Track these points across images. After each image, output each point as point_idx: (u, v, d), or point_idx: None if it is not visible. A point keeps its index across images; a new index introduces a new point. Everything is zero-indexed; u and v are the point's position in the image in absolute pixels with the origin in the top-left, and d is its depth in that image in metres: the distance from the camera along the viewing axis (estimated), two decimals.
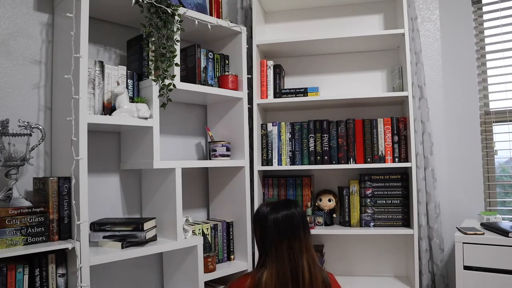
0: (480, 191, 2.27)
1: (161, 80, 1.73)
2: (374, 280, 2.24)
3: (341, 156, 2.18)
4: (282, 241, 1.35)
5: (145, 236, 1.67)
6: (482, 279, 1.76)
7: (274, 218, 1.38)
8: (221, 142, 2.07)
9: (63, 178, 1.47)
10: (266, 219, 1.39)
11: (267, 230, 1.38)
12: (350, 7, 2.41)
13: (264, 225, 1.40)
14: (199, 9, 2.05)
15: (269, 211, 1.40)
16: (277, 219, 1.38)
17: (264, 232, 1.39)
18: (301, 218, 1.41)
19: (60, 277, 1.45)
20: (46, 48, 1.70)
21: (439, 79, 2.35)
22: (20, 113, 1.60)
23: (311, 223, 2.16)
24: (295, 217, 1.39)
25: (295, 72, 2.48)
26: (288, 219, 1.38)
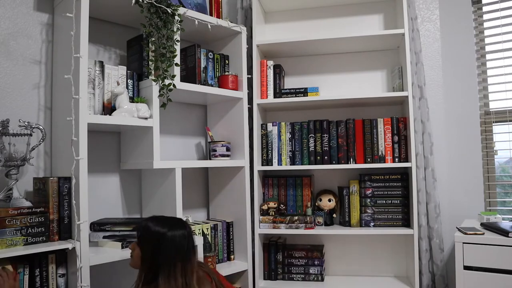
0: (480, 191, 2.27)
1: (161, 80, 1.73)
2: (374, 280, 2.24)
3: (341, 156, 2.18)
4: (176, 263, 1.30)
5: None
6: (482, 279, 1.76)
7: (171, 238, 1.32)
8: (221, 142, 2.07)
9: (63, 178, 1.47)
10: (164, 237, 1.32)
11: (162, 249, 1.31)
12: (350, 7, 2.41)
13: (159, 243, 1.32)
14: (199, 9, 2.05)
15: (166, 231, 1.33)
16: (175, 239, 1.33)
17: (158, 250, 1.32)
18: (192, 238, 1.39)
19: (60, 277, 1.45)
20: (46, 48, 1.70)
21: (439, 79, 2.35)
22: (20, 113, 1.60)
23: (311, 223, 2.16)
24: (190, 238, 1.37)
25: (295, 72, 2.47)
26: (184, 240, 1.34)
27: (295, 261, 2.23)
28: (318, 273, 2.21)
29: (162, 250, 1.31)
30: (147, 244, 1.34)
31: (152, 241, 1.33)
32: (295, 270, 2.23)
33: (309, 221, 2.15)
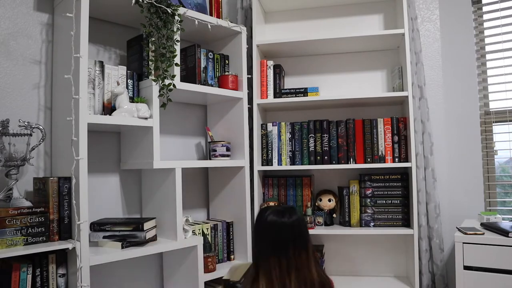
0: (480, 191, 2.27)
1: (161, 80, 1.73)
2: (374, 280, 2.24)
3: (341, 156, 2.18)
4: (270, 256, 1.21)
5: (145, 236, 1.67)
6: (482, 279, 1.76)
7: (260, 226, 1.26)
8: (221, 142, 2.07)
9: (63, 178, 1.47)
10: (256, 226, 1.28)
11: (256, 239, 1.27)
12: (350, 7, 2.41)
13: (254, 233, 1.29)
14: (199, 9, 2.05)
15: (258, 217, 1.28)
16: (265, 228, 1.25)
17: (258, 238, 1.27)
18: (293, 229, 1.24)
19: (60, 277, 1.45)
20: (46, 48, 1.70)
21: (439, 79, 2.35)
22: (20, 113, 1.60)
23: (311, 223, 2.16)
24: (286, 227, 1.24)
25: (295, 72, 2.48)
26: (273, 228, 1.24)
27: None
28: None
29: (256, 240, 1.26)
30: (254, 235, 1.31)
31: (256, 228, 1.29)
32: None
33: (309, 221, 2.15)
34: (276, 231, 1.23)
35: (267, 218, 1.25)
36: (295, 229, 1.24)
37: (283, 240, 1.22)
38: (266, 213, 1.27)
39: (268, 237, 1.24)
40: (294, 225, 1.24)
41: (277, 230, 1.23)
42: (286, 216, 1.24)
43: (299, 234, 1.25)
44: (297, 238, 1.24)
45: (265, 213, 1.28)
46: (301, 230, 1.27)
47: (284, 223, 1.23)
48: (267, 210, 1.30)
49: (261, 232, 1.25)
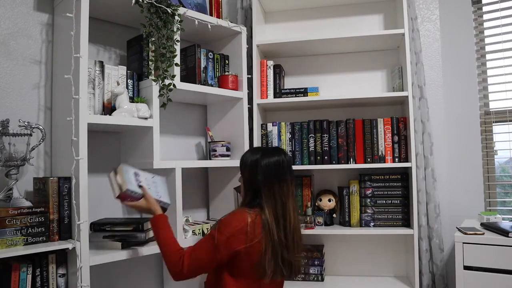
0: (480, 191, 2.27)
1: (161, 80, 1.73)
2: (374, 280, 2.24)
3: (341, 156, 2.18)
4: (273, 183, 1.45)
5: (145, 236, 1.67)
6: (482, 279, 1.76)
7: (266, 163, 1.47)
8: (221, 142, 2.07)
9: (63, 178, 1.47)
10: (258, 163, 1.48)
11: (258, 173, 1.46)
12: (350, 7, 2.41)
13: (255, 169, 1.48)
14: (199, 9, 2.05)
15: (260, 157, 1.49)
16: (269, 164, 1.47)
17: (255, 175, 1.47)
18: (288, 164, 1.53)
19: (60, 277, 1.45)
20: (46, 48, 1.70)
21: (439, 79, 2.35)
22: (20, 113, 1.60)
23: (311, 223, 2.16)
24: (284, 163, 1.50)
25: (295, 72, 2.47)
26: (278, 164, 1.48)
27: None
28: (318, 273, 2.21)
29: (258, 174, 1.46)
30: (245, 172, 1.53)
31: (248, 168, 1.51)
32: None
33: (309, 221, 2.15)
34: (282, 166, 1.50)
35: (270, 159, 1.49)
36: (291, 164, 1.55)
37: (285, 172, 1.50)
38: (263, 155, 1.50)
39: (273, 171, 1.48)
40: (290, 160, 1.57)
41: (282, 165, 1.50)
42: (283, 154, 1.53)
43: (291, 167, 1.56)
44: (292, 171, 1.55)
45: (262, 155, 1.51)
46: (291, 163, 1.59)
47: (286, 160, 1.52)
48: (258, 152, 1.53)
49: (267, 168, 1.47)
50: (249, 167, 1.51)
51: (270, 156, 1.50)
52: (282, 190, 1.46)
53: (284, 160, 1.51)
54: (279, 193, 1.46)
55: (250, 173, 1.51)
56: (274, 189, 1.45)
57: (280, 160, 1.50)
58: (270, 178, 1.46)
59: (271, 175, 1.47)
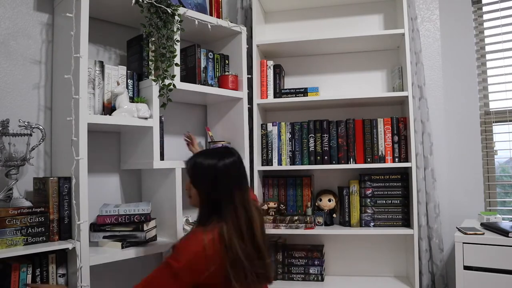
0: (480, 191, 2.27)
1: (161, 80, 1.73)
2: (374, 280, 2.24)
3: (341, 156, 2.18)
4: (235, 193, 1.30)
5: (145, 236, 1.67)
6: (482, 279, 1.76)
7: (224, 166, 1.31)
8: (221, 142, 2.07)
9: (63, 178, 1.47)
10: (216, 168, 1.31)
11: (219, 180, 1.30)
12: (350, 7, 2.41)
13: (215, 175, 1.31)
14: (199, 9, 2.05)
15: (217, 161, 1.32)
16: (227, 166, 1.32)
17: (216, 183, 1.30)
18: (242, 164, 1.39)
19: (60, 277, 1.45)
20: (46, 48, 1.70)
21: (439, 79, 2.35)
22: (20, 113, 1.60)
23: (311, 223, 2.16)
24: (241, 164, 1.38)
25: (295, 72, 2.47)
26: (236, 166, 1.34)
27: (295, 261, 2.23)
28: (318, 273, 2.21)
29: (218, 181, 1.30)
30: (202, 180, 1.34)
31: (206, 175, 1.32)
32: (295, 270, 2.23)
33: (309, 221, 2.15)
34: (237, 169, 1.36)
35: (223, 162, 1.32)
36: (242, 163, 1.40)
37: (243, 175, 1.39)
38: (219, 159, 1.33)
39: (230, 176, 1.33)
40: (241, 160, 1.40)
41: (238, 167, 1.36)
42: (235, 154, 1.38)
43: (243, 169, 1.41)
44: (244, 174, 1.41)
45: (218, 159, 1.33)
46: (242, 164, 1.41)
47: (239, 161, 1.38)
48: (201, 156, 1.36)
49: (222, 175, 1.31)
50: (207, 175, 1.31)
51: (226, 159, 1.33)
52: (243, 196, 1.31)
53: (239, 161, 1.37)
54: (241, 200, 1.30)
55: (207, 182, 1.32)
56: (235, 197, 1.29)
57: (236, 162, 1.35)
58: (230, 185, 1.30)
59: (231, 182, 1.31)
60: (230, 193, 1.30)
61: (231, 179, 1.32)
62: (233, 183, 1.32)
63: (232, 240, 1.23)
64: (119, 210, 1.66)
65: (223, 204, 1.29)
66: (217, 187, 1.30)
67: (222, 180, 1.31)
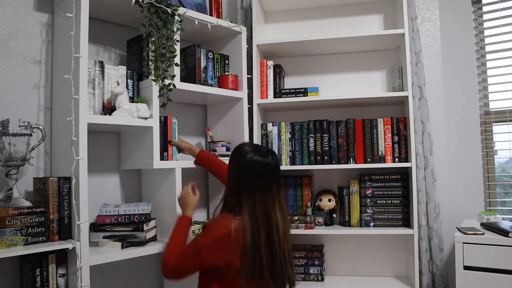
0: (480, 191, 2.27)
1: (161, 80, 1.73)
2: (374, 280, 2.24)
3: (341, 156, 2.18)
4: (255, 192, 1.37)
5: (145, 236, 1.67)
6: (482, 279, 1.76)
7: (270, 164, 1.40)
8: (221, 142, 2.07)
9: (63, 178, 1.47)
10: (263, 164, 1.40)
11: (243, 171, 1.40)
12: (350, 7, 2.41)
13: (242, 164, 1.41)
14: (199, 9, 2.05)
15: (265, 158, 1.41)
16: (273, 165, 1.41)
17: (241, 172, 1.41)
18: (274, 169, 1.43)
19: (60, 277, 1.45)
20: (46, 48, 1.70)
21: (439, 79, 2.35)
22: (20, 113, 1.60)
23: (311, 223, 2.16)
24: (269, 168, 1.41)
25: (295, 72, 2.47)
26: (262, 168, 1.40)
27: (295, 261, 2.23)
28: (318, 273, 2.21)
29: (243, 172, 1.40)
30: (241, 170, 1.42)
31: (248, 169, 1.41)
32: (295, 270, 2.22)
33: (309, 221, 2.15)
34: (262, 171, 1.40)
35: (252, 157, 1.41)
36: (277, 170, 1.45)
37: (269, 179, 1.41)
38: (247, 151, 1.43)
39: (254, 175, 1.39)
40: (277, 166, 1.45)
41: (263, 169, 1.40)
42: (270, 157, 1.43)
43: (279, 174, 1.46)
44: (279, 178, 1.46)
45: (246, 151, 1.43)
46: (280, 170, 1.48)
47: (270, 164, 1.42)
48: (245, 147, 1.46)
49: (246, 168, 1.40)
50: (250, 167, 1.40)
51: (254, 156, 1.41)
52: (266, 200, 1.37)
53: (270, 164, 1.42)
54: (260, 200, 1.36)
55: (247, 173, 1.40)
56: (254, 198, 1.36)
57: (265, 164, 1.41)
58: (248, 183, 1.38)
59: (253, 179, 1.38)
60: (250, 190, 1.37)
61: (253, 177, 1.39)
62: (272, 181, 1.40)
63: (247, 232, 1.31)
64: (119, 210, 1.67)
65: (243, 197, 1.37)
66: (241, 177, 1.39)
67: (245, 174, 1.39)
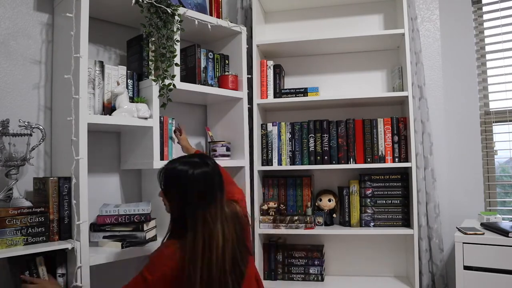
0: (480, 191, 2.27)
1: (161, 80, 1.73)
2: (374, 280, 2.24)
3: (341, 156, 2.18)
4: (198, 212, 1.21)
5: (145, 236, 1.67)
6: (482, 279, 1.76)
7: (193, 176, 1.22)
8: (221, 142, 2.07)
9: (63, 178, 1.47)
10: (186, 177, 1.23)
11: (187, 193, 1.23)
12: (350, 7, 2.41)
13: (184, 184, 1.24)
14: (199, 9, 2.05)
15: (188, 168, 1.23)
16: (197, 177, 1.22)
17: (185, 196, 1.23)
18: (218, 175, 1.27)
19: (60, 277, 1.45)
20: (46, 48, 1.70)
21: (439, 79, 2.35)
22: (20, 113, 1.60)
23: (311, 223, 2.16)
24: (214, 176, 1.26)
25: (295, 72, 2.47)
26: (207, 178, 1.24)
27: (295, 261, 2.23)
28: (318, 273, 2.21)
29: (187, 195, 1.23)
30: (175, 189, 1.26)
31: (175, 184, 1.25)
32: (295, 270, 2.23)
33: (309, 221, 2.15)
34: (206, 182, 1.24)
35: (193, 172, 1.23)
36: (217, 174, 1.28)
37: (213, 189, 1.25)
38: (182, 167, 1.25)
39: (197, 189, 1.23)
40: (216, 171, 1.28)
41: (207, 180, 1.24)
42: (207, 164, 1.27)
43: (220, 176, 1.29)
44: (221, 182, 1.28)
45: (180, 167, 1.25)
46: (220, 172, 1.30)
47: (212, 172, 1.26)
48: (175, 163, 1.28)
49: (187, 186, 1.23)
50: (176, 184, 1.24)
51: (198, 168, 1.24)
52: (209, 216, 1.21)
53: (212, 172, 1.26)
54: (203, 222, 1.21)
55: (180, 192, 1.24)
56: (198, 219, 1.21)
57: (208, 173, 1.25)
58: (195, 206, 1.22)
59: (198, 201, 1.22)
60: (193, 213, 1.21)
61: (198, 192, 1.23)
62: (201, 196, 1.23)
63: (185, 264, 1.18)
64: (119, 210, 1.67)
65: (188, 220, 1.22)
66: (184, 201, 1.23)
67: (190, 191, 1.23)
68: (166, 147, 1.84)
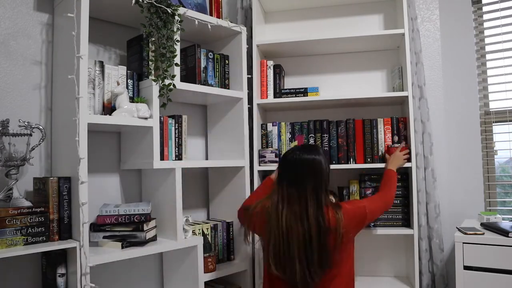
0: (480, 191, 2.27)
1: (161, 80, 1.73)
2: (374, 280, 2.24)
3: (341, 156, 2.18)
4: (288, 186, 1.49)
5: (145, 236, 1.67)
6: (482, 279, 1.76)
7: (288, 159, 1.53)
8: (270, 149, 2.15)
9: (63, 178, 1.47)
10: (285, 156, 1.55)
11: (282, 168, 1.54)
12: (350, 7, 2.41)
13: (282, 161, 1.56)
14: (199, 9, 2.05)
15: (291, 151, 1.56)
16: (288, 160, 1.52)
17: (281, 169, 1.55)
18: (312, 166, 1.50)
19: (60, 277, 1.45)
20: (46, 48, 1.70)
21: (439, 79, 2.35)
22: (20, 113, 1.60)
23: None
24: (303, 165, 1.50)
25: (295, 72, 2.47)
26: (296, 164, 1.50)
27: None
28: None
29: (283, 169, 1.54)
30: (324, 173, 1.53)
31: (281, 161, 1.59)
32: None
33: None
34: (295, 166, 1.50)
35: (291, 153, 1.54)
36: (312, 166, 1.50)
37: (300, 174, 1.49)
38: (291, 150, 1.58)
39: (287, 169, 1.52)
40: (313, 162, 1.51)
41: (296, 164, 1.50)
42: (307, 153, 1.52)
43: (315, 171, 1.49)
44: (314, 175, 1.49)
45: (291, 150, 1.59)
46: (316, 168, 1.50)
47: (304, 159, 1.51)
48: (294, 148, 1.60)
49: (283, 164, 1.54)
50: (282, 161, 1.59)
51: (293, 152, 1.58)
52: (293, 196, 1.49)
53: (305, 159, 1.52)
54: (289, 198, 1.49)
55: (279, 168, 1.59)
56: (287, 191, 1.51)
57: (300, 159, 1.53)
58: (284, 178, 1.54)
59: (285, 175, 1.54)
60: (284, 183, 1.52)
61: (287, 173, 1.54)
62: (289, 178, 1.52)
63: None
64: (119, 210, 1.67)
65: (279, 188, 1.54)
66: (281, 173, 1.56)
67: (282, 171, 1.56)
68: (166, 147, 1.84)
